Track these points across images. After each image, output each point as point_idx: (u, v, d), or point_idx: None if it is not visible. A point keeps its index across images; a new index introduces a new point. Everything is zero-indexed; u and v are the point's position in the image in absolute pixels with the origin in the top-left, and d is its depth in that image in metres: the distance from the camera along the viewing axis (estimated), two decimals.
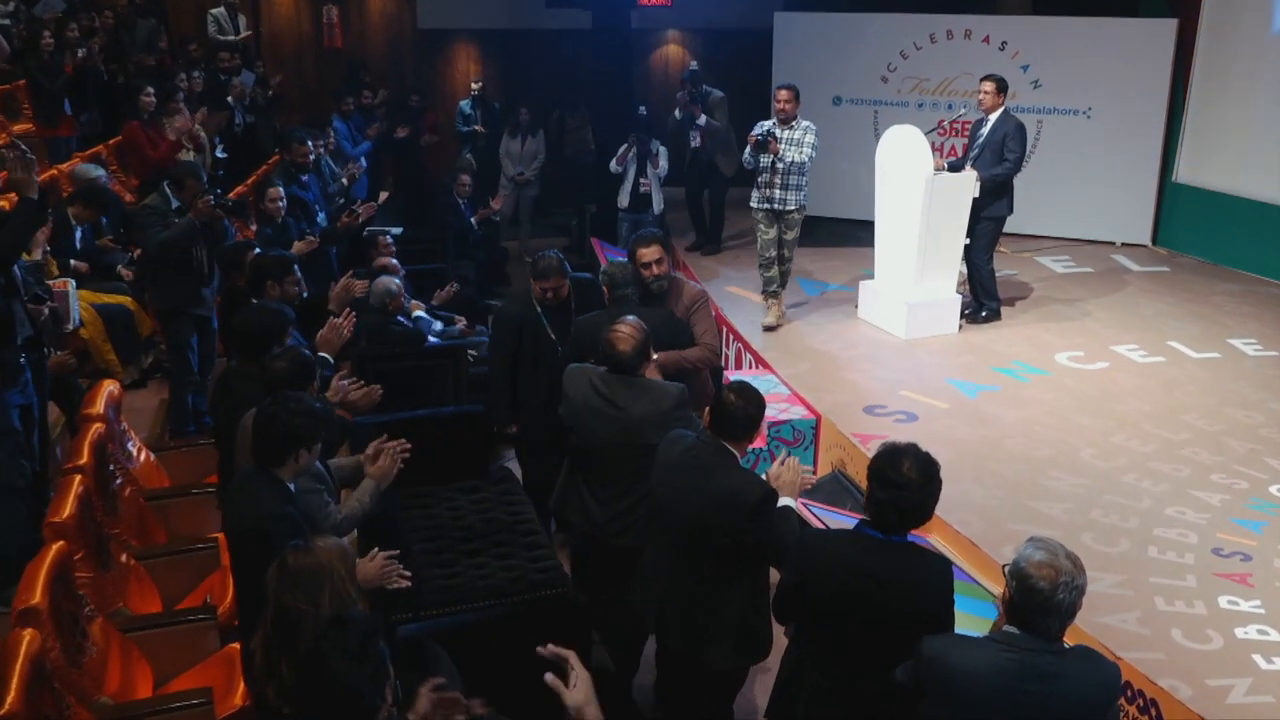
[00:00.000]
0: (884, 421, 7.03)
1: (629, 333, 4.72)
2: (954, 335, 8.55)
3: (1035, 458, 6.56)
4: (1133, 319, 9.02)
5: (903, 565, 3.50)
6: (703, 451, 4.15)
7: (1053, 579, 3.05)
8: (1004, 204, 8.55)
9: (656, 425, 4.57)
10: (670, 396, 4.68)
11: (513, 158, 12.36)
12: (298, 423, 3.93)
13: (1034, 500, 6.06)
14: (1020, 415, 7.15)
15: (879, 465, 3.52)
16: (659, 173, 10.72)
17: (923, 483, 3.48)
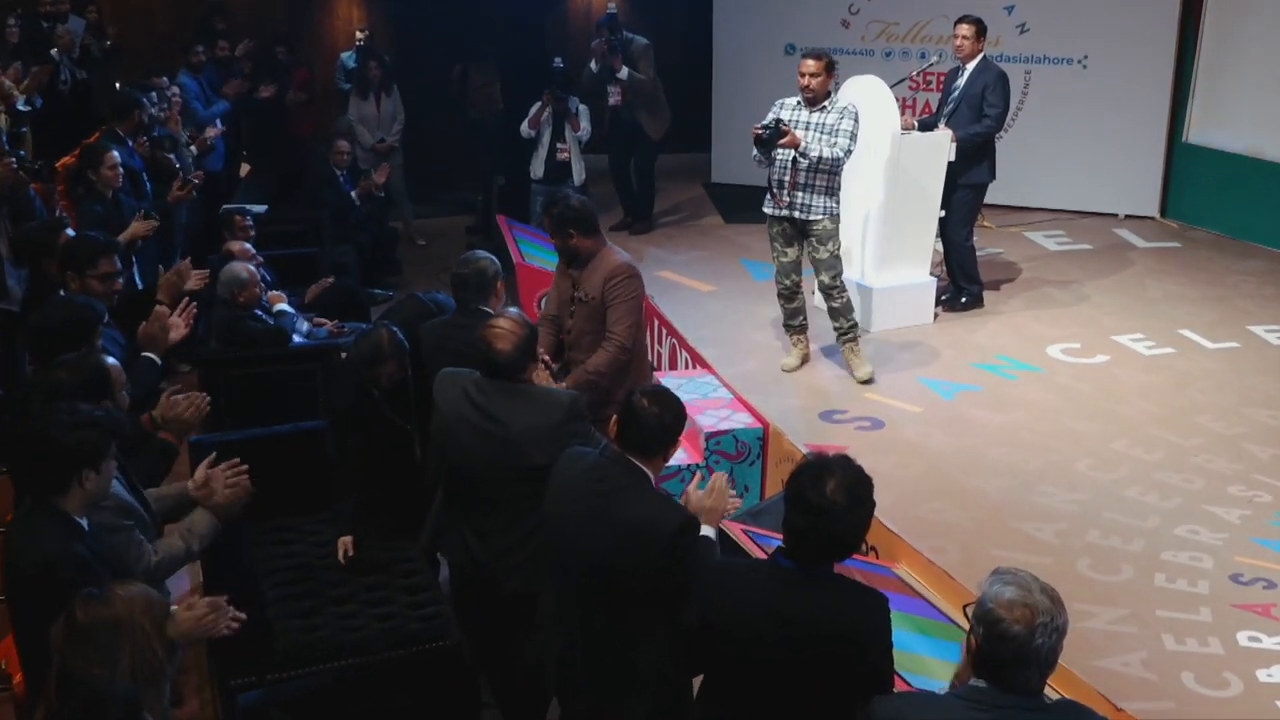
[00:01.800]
0: (845, 429, 6.97)
1: (509, 328, 4.60)
2: (928, 326, 8.53)
3: (1023, 470, 6.54)
4: (1138, 304, 9.06)
5: (824, 604, 3.37)
6: (608, 472, 4.01)
7: (1028, 621, 2.91)
8: (984, 169, 8.54)
9: (542, 442, 4.46)
10: (560, 406, 4.56)
11: (367, 122, 12.13)
12: (75, 438, 3.71)
13: (1021, 521, 6.02)
14: (1005, 420, 7.12)
15: (797, 485, 3.39)
16: (580, 136, 10.63)
17: (849, 506, 3.35)
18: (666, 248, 10.60)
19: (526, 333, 4.62)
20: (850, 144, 7.13)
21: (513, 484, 4.57)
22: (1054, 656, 2.97)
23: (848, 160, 7.16)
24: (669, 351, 8.62)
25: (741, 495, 6.97)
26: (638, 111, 10.76)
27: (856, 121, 7.16)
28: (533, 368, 4.69)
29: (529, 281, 9.30)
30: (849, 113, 7.17)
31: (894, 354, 8.05)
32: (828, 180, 7.21)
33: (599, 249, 5.99)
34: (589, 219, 5.99)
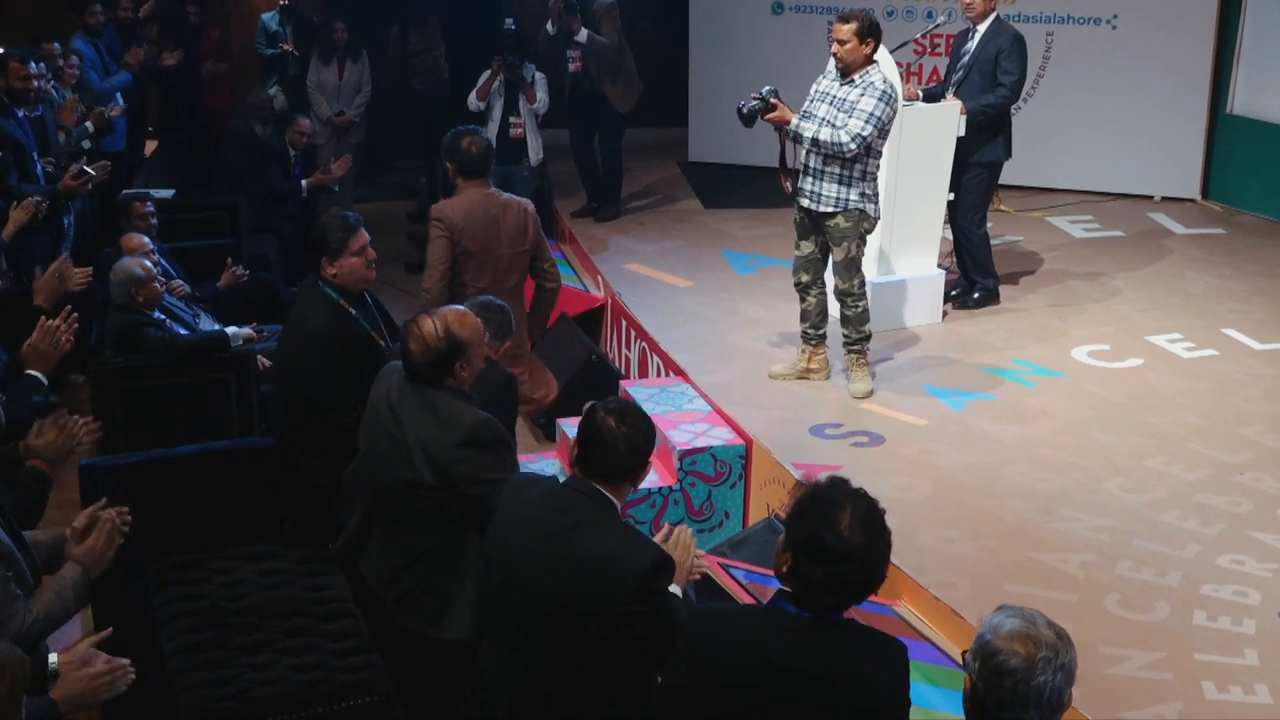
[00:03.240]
0: (838, 446, 6.95)
1: (424, 331, 4.65)
2: (935, 326, 8.53)
3: (1043, 492, 6.53)
4: (1176, 299, 9.07)
5: (836, 655, 3.36)
6: (569, 501, 3.98)
7: (1028, 655, 2.97)
8: (999, 145, 8.55)
9: (429, 461, 4.56)
10: (462, 426, 4.58)
11: (327, 92, 12.09)
12: None
13: (1040, 551, 6.01)
14: (1023, 433, 7.12)
15: (807, 528, 3.33)
16: (536, 109, 10.61)
17: (870, 543, 3.33)
18: (635, 236, 10.57)
19: (444, 345, 4.63)
20: (863, 128, 6.91)
21: (397, 497, 4.68)
22: (1058, 700, 2.99)
23: (855, 148, 6.94)
24: (638, 356, 8.61)
25: (721, 523, 6.96)
26: (601, 80, 10.72)
27: (883, 102, 6.95)
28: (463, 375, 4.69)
29: None
30: (873, 90, 6.97)
31: (895, 358, 8.03)
32: (842, 168, 7.07)
33: (460, 192, 6.66)
34: (469, 161, 6.63)
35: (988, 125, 8.43)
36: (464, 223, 6.53)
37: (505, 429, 4.71)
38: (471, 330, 4.71)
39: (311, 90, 12.11)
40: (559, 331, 8.92)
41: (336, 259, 5.60)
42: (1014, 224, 10.63)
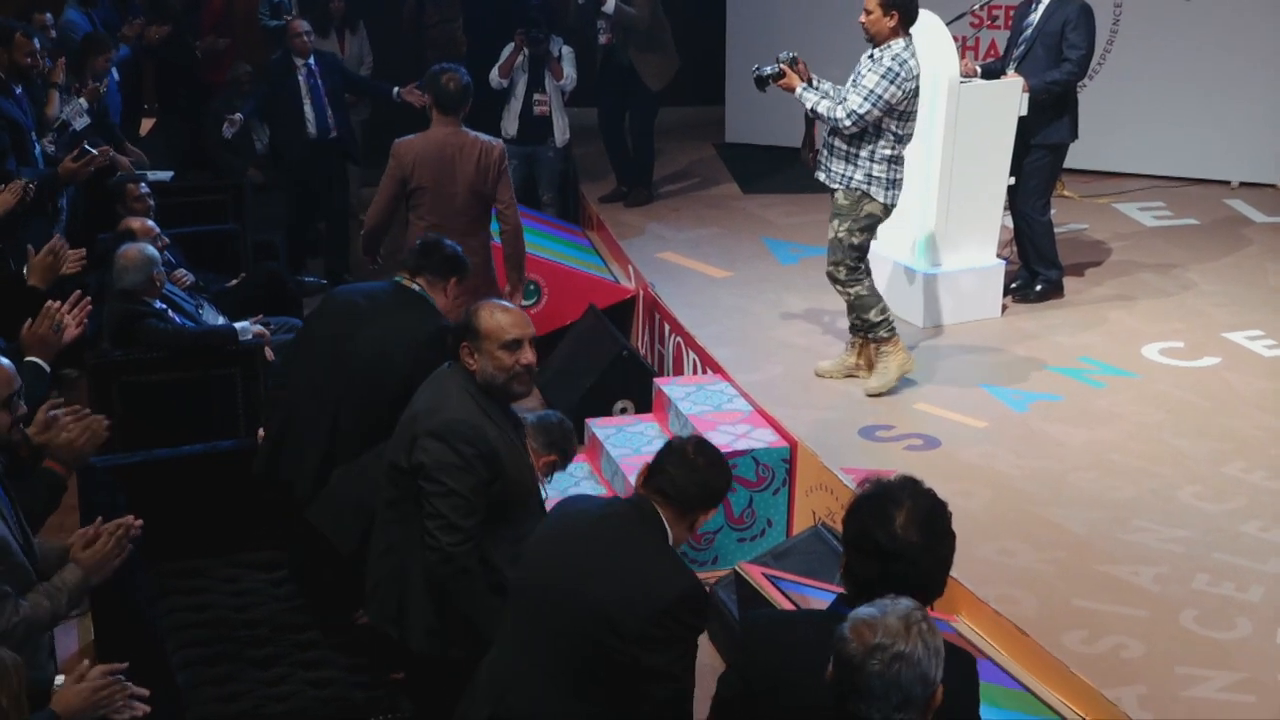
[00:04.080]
0: (891, 449, 6.97)
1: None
2: (995, 321, 8.54)
3: (1113, 500, 6.54)
4: (1255, 293, 9.07)
5: None
6: (621, 512, 4.13)
7: (863, 643, 3.01)
8: (1064, 126, 8.56)
9: (405, 438, 4.68)
10: (439, 416, 4.64)
11: None
12: None
13: (1110, 564, 6.02)
14: (1091, 437, 7.13)
15: (859, 522, 3.42)
16: (563, 85, 10.66)
17: (927, 545, 3.38)
18: (669, 223, 10.61)
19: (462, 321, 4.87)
20: (860, 105, 7.03)
21: (385, 481, 4.84)
22: (900, 695, 3.00)
23: (850, 124, 7.07)
24: (673, 352, 8.64)
25: (762, 531, 7.00)
26: (632, 53, 10.76)
27: (887, 80, 7.02)
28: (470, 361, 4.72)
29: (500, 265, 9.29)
30: (880, 65, 7.06)
31: (952, 355, 8.05)
32: (848, 145, 7.22)
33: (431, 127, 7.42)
34: (446, 97, 7.35)
35: (1052, 104, 8.43)
36: (417, 160, 7.32)
37: (486, 440, 4.63)
38: (489, 323, 4.72)
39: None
40: (587, 325, 8.99)
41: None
42: (1079, 211, 10.61)
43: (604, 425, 7.70)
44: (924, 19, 8.20)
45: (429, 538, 4.53)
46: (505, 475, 4.62)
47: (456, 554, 4.50)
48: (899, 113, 7.16)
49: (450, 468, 4.53)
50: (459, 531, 4.50)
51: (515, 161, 10.64)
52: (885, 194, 7.27)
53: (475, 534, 4.54)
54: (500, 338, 4.66)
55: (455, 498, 4.52)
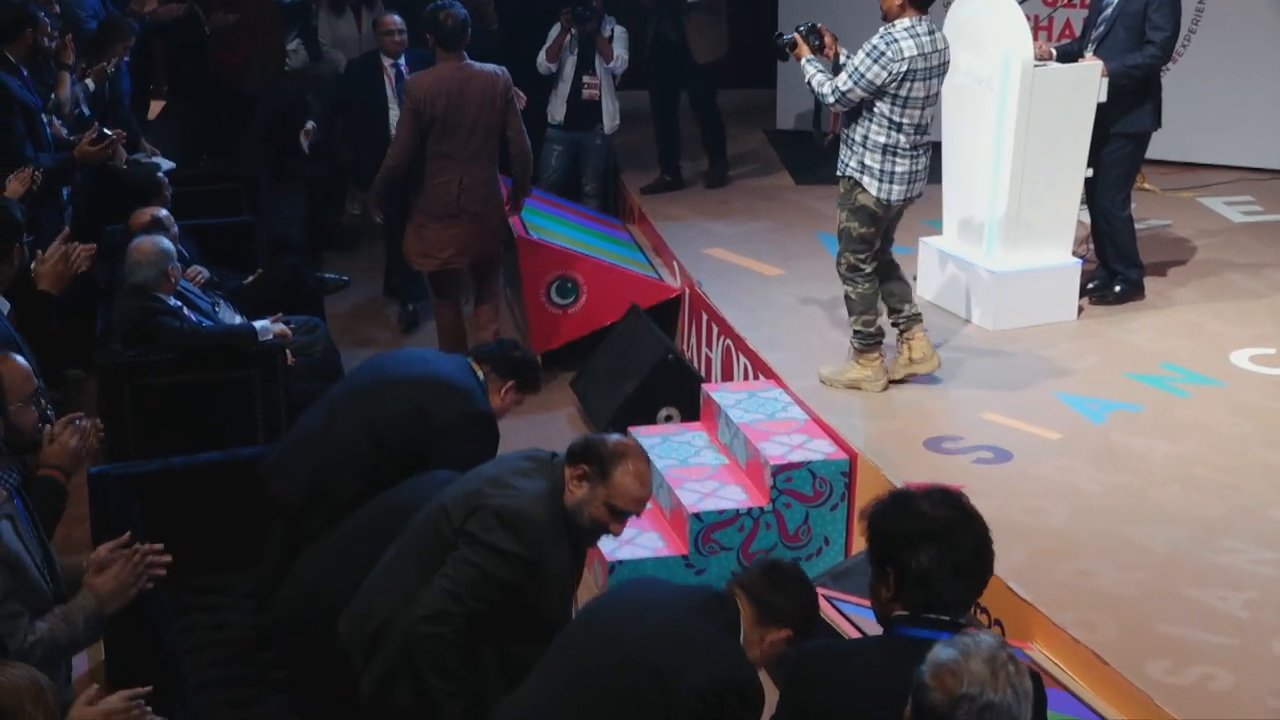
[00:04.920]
0: (958, 462, 6.97)
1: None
2: (1070, 324, 8.54)
3: (1199, 518, 6.52)
4: None
5: None
6: (707, 598, 4.43)
7: (949, 693, 3.03)
8: (1146, 114, 8.54)
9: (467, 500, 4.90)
10: (516, 501, 4.86)
11: (345, 45, 12.19)
12: None
13: (1196, 587, 6.01)
14: (1176, 450, 7.11)
15: (889, 528, 3.64)
16: (613, 68, 10.72)
17: (964, 518, 3.63)
18: (717, 216, 10.63)
19: None
20: (843, 82, 7.19)
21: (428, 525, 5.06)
22: None
23: (833, 101, 7.25)
24: (721, 356, 8.67)
25: (819, 549, 7.03)
26: (686, 23, 10.78)
27: (870, 58, 7.12)
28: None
29: (535, 262, 9.38)
30: (870, 43, 7.18)
31: (1024, 361, 8.05)
32: (848, 129, 7.39)
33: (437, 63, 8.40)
34: (446, 34, 8.30)
35: (1133, 89, 8.40)
36: (428, 93, 8.26)
37: (540, 551, 4.80)
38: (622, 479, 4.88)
39: (328, 48, 12.21)
40: (628, 326, 9.02)
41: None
42: (1161, 205, 10.58)
43: (648, 434, 7.73)
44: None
45: (431, 593, 4.70)
46: (539, 594, 4.80)
47: (448, 622, 4.66)
48: (892, 97, 7.20)
49: (493, 551, 4.71)
50: (460, 604, 4.67)
51: (560, 148, 10.78)
52: (878, 186, 7.30)
53: (474, 619, 4.69)
54: (619, 502, 4.84)
55: (479, 579, 4.70)
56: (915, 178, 7.37)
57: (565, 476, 4.85)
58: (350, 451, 5.77)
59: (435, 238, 8.55)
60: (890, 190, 7.31)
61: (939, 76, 7.32)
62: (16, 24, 8.49)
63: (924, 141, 7.38)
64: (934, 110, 7.42)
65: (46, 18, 8.84)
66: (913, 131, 7.30)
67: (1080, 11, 10.43)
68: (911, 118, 7.27)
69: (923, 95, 7.26)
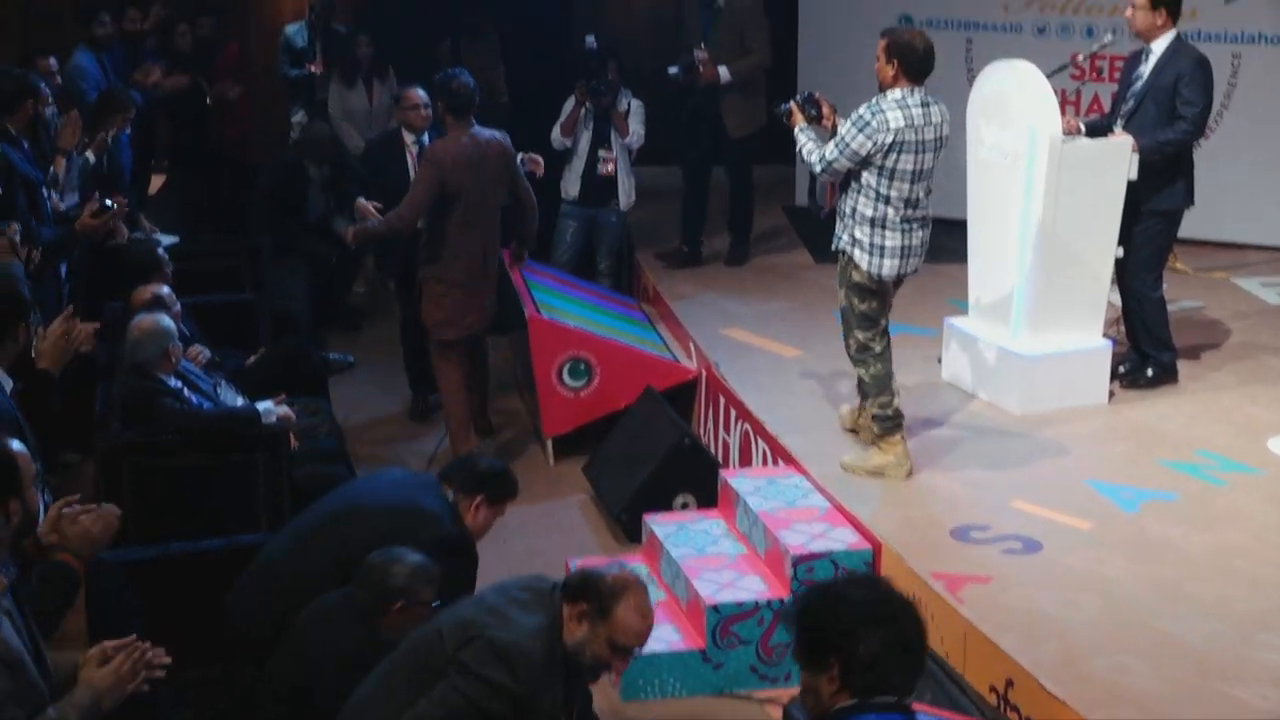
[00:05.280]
0: (986, 552, 6.95)
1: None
2: (1101, 408, 8.53)
3: (1238, 612, 6.49)
4: None
5: None
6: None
7: None
8: (1178, 191, 8.56)
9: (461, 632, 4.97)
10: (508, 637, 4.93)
11: (356, 118, 12.31)
12: None
13: (1235, 684, 5.96)
14: (1211, 541, 7.09)
15: (820, 618, 3.79)
16: (629, 143, 10.80)
17: (900, 599, 3.84)
18: (735, 295, 10.67)
19: None
20: (829, 151, 7.41)
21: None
22: None
23: (820, 170, 7.49)
24: (739, 440, 8.67)
25: None
26: (722, 99, 10.87)
27: (855, 127, 7.31)
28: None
29: (547, 342, 9.39)
30: (857, 112, 7.36)
31: (1053, 447, 8.04)
32: (843, 197, 7.57)
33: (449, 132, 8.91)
34: (458, 101, 8.82)
35: (1165, 166, 8.42)
36: (454, 164, 8.71)
37: (534, 686, 4.85)
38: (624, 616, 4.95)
39: (337, 120, 12.31)
40: (643, 409, 9.03)
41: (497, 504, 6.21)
42: (1194, 286, 10.60)
43: (663, 522, 7.74)
44: (1021, 70, 8.33)
45: (416, 712, 4.78)
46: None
47: None
48: (879, 168, 7.35)
49: (484, 684, 4.78)
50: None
51: (575, 224, 10.85)
52: (868, 261, 7.46)
53: None
54: (622, 639, 4.90)
55: (466, 709, 4.77)
56: (908, 253, 7.53)
57: (564, 613, 4.90)
58: (318, 585, 5.77)
59: (458, 305, 8.95)
60: (880, 265, 7.46)
61: (933, 151, 7.46)
62: (17, 95, 8.58)
63: (917, 216, 7.52)
64: (928, 185, 7.54)
65: (47, 88, 8.92)
66: (902, 205, 7.44)
67: (1108, 86, 10.50)
68: (900, 191, 7.41)
69: (912, 169, 7.39)
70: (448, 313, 8.92)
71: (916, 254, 7.57)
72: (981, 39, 11.86)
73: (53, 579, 4.75)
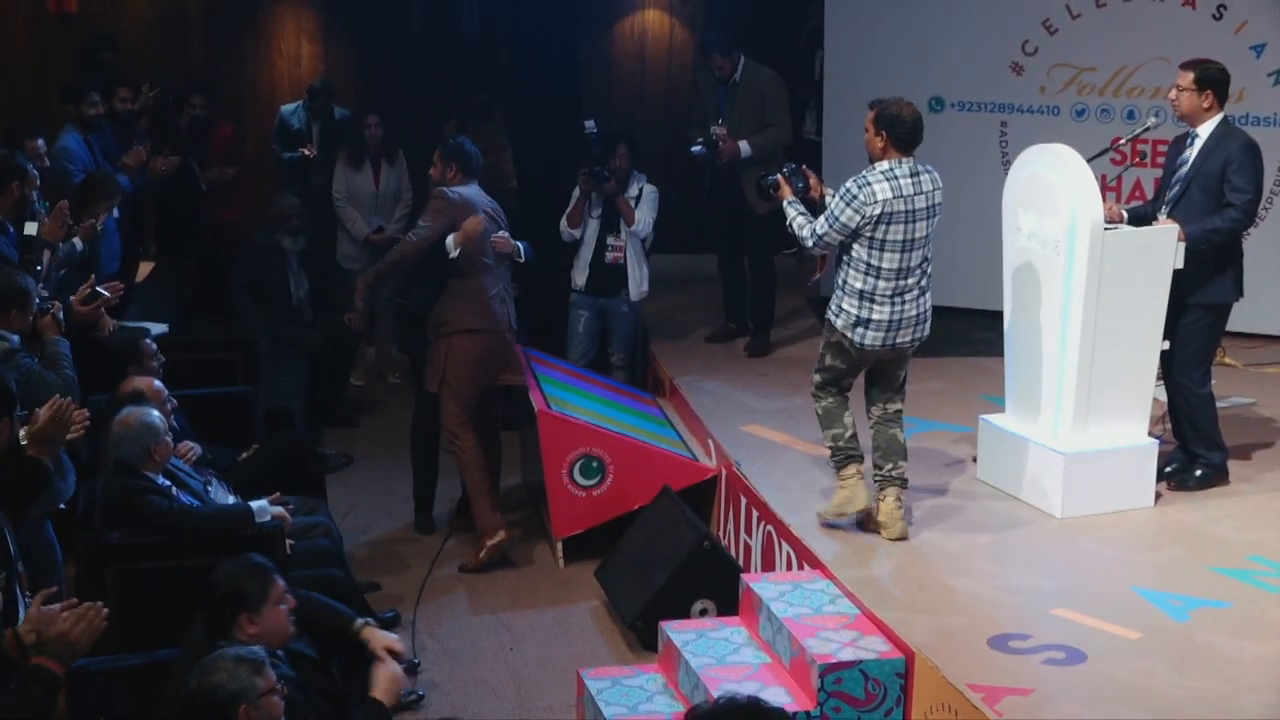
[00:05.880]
0: (1025, 663, 6.88)
1: None
2: (1147, 512, 8.49)
3: None
4: None
5: None
6: None
7: None
8: (1226, 283, 8.58)
9: None
10: None
11: (361, 202, 12.43)
12: None
13: None
14: (1266, 651, 7.02)
15: None
16: (636, 231, 10.84)
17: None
18: (756, 389, 10.68)
19: None
20: (819, 225, 7.90)
21: None
22: None
23: (811, 244, 8.00)
24: (762, 543, 8.66)
25: None
26: (743, 175, 10.96)
27: (843, 201, 7.78)
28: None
29: (557, 438, 9.41)
30: (843, 188, 7.85)
31: (1097, 552, 8.00)
32: (837, 268, 8.04)
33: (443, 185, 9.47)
34: (470, 160, 9.49)
35: (1212, 256, 8.43)
36: (466, 202, 9.31)
37: None
38: None
39: (341, 204, 12.40)
40: (660, 510, 9.03)
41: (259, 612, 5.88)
42: (1245, 382, 10.60)
43: (681, 629, 7.70)
44: (1060, 154, 8.36)
45: None
46: None
47: None
48: (868, 240, 7.79)
49: None
50: None
51: (586, 314, 10.90)
52: (853, 331, 7.94)
53: None
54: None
55: None
56: (898, 326, 7.98)
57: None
58: None
59: (491, 355, 9.47)
60: (864, 335, 7.94)
61: (926, 219, 7.88)
62: (3, 177, 8.64)
63: (911, 285, 7.94)
64: (924, 253, 7.96)
65: (35, 170, 8.98)
66: (893, 276, 7.85)
67: (1151, 171, 10.56)
68: (891, 262, 7.81)
69: (902, 238, 7.81)
70: (471, 365, 9.31)
71: (911, 325, 8.02)
72: (1017, 122, 11.93)
73: (31, 687, 4.73)
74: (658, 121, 14.69)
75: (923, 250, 7.90)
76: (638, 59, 14.94)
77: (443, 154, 9.53)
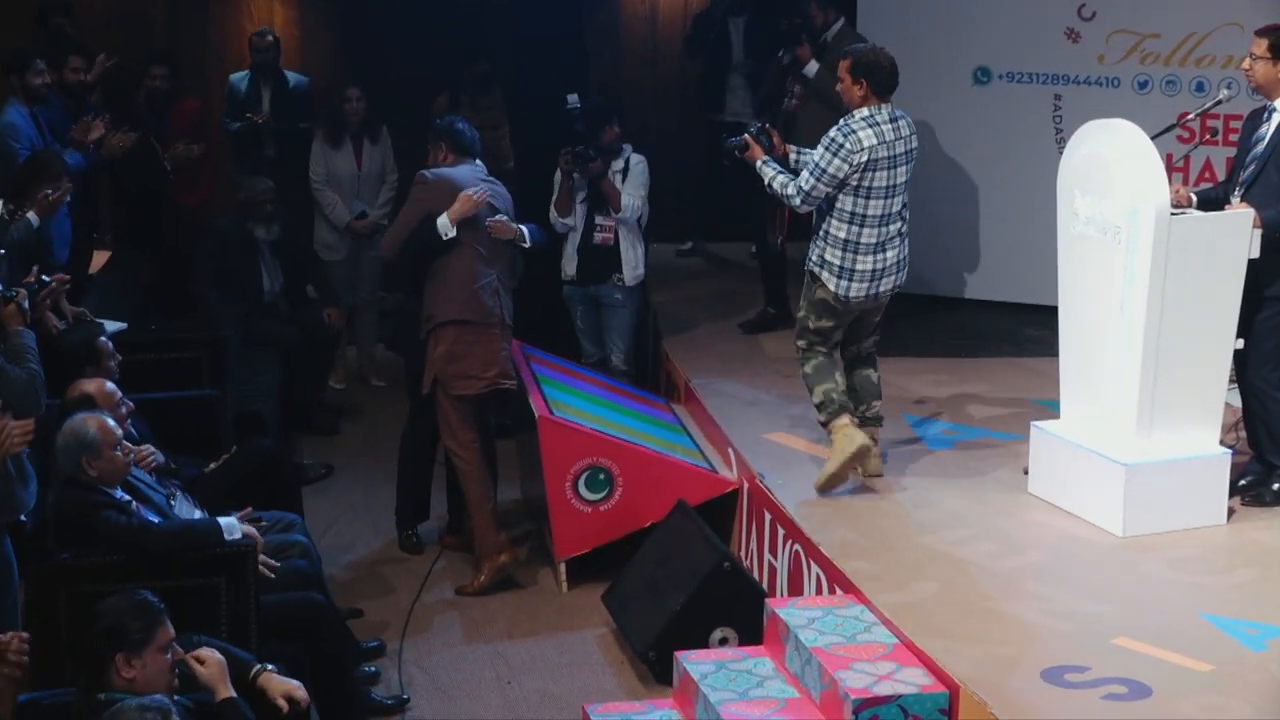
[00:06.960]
0: (1084, 699, 6.85)
1: None
2: (1219, 529, 8.48)
3: None
4: None
5: None
6: None
7: None
8: None
9: None
10: None
11: (342, 184, 12.41)
12: None
13: None
14: None
15: None
16: (623, 218, 10.81)
17: None
18: (780, 393, 10.67)
19: None
20: (804, 179, 8.53)
21: None
22: None
23: (799, 202, 8.61)
24: (789, 564, 8.66)
25: None
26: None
27: (828, 151, 8.46)
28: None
29: (559, 448, 9.43)
30: (828, 136, 8.50)
31: (1163, 575, 7.99)
32: (813, 223, 8.69)
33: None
34: (464, 139, 9.54)
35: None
36: (456, 181, 9.33)
37: None
38: None
39: (319, 187, 12.39)
40: (674, 527, 9.03)
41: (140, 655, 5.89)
42: None
43: (699, 660, 7.72)
44: (1121, 131, 8.34)
45: None
46: None
47: None
48: (854, 189, 8.56)
49: None
50: None
51: (581, 308, 10.90)
52: (836, 282, 8.65)
53: None
54: None
55: None
56: (881, 275, 8.74)
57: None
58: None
59: (478, 353, 9.40)
60: (849, 288, 8.69)
61: (905, 164, 8.67)
62: None
63: (892, 233, 8.70)
64: (903, 199, 8.73)
65: None
66: (877, 223, 8.63)
67: (1223, 150, 10.53)
68: (875, 209, 8.58)
69: (885, 184, 8.62)
70: (466, 362, 9.32)
71: (891, 273, 8.79)
72: (1073, 95, 11.86)
73: None
74: (670, 97, 14.68)
75: (902, 196, 8.68)
76: (648, 23, 14.93)
77: (433, 135, 9.65)
